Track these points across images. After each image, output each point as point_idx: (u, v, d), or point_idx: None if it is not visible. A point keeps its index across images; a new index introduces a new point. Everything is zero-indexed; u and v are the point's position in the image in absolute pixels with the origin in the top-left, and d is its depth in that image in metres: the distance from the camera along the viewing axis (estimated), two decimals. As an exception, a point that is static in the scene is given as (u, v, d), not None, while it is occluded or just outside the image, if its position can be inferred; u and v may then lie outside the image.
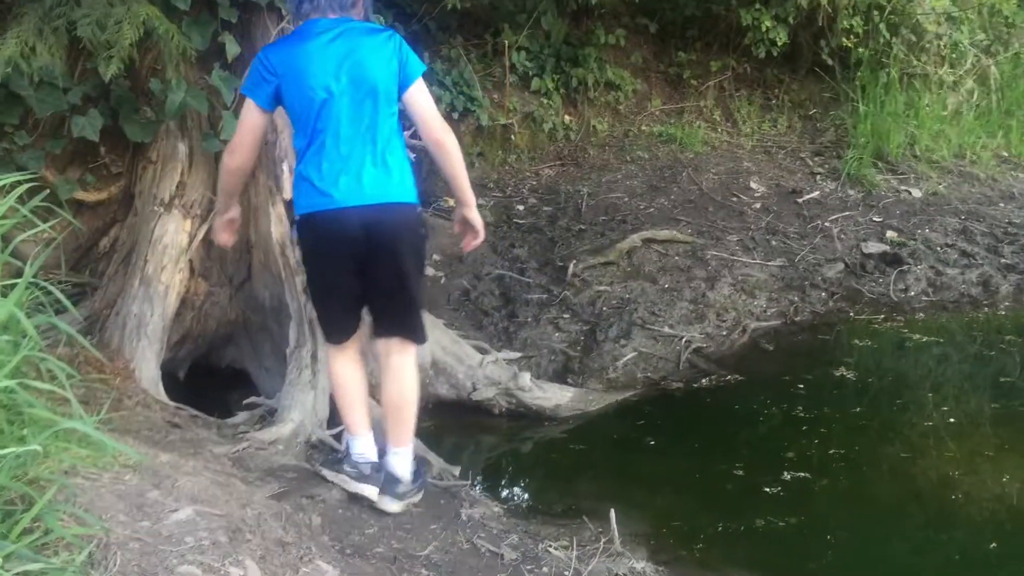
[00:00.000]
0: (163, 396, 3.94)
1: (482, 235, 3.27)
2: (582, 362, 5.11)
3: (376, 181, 3.04)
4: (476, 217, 3.25)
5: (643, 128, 8.07)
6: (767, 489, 3.87)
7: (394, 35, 3.11)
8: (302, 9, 3.10)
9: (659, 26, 8.57)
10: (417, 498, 3.32)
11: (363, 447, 3.34)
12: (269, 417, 3.96)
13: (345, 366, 3.35)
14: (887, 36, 7.90)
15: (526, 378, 4.61)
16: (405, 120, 3.22)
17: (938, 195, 7.33)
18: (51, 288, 2.83)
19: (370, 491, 3.21)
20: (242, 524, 2.63)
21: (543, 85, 7.77)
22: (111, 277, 4.23)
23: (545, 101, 7.77)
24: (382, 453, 3.34)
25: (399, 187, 3.09)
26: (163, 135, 4.20)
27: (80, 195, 4.21)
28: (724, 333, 5.53)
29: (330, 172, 3.02)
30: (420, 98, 3.10)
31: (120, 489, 2.55)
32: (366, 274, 3.13)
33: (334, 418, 3.80)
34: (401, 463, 3.27)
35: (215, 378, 4.68)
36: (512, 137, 7.66)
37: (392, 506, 3.22)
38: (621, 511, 3.42)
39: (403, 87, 3.07)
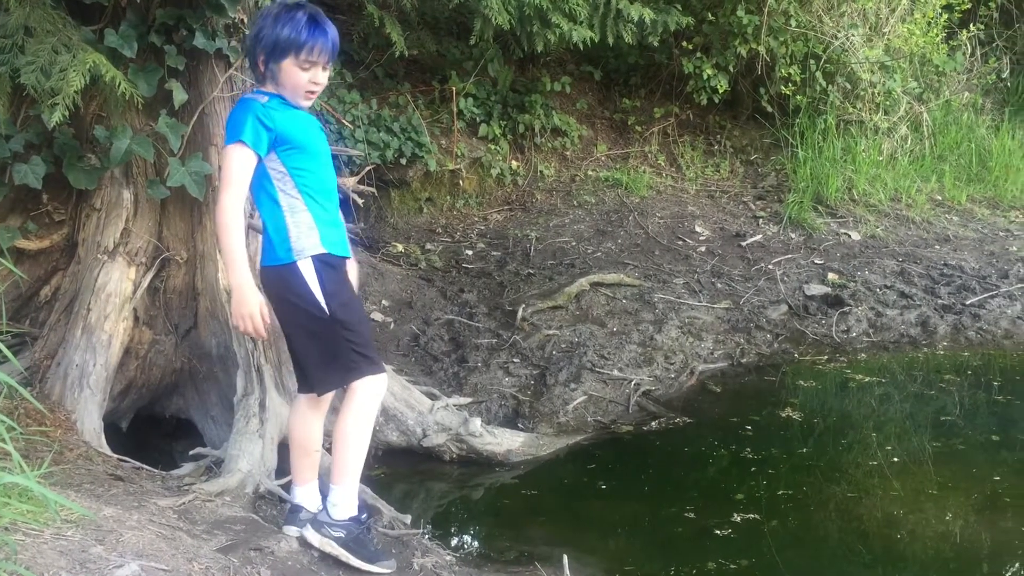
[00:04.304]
0: (106, 448, 3.85)
1: (240, 326, 2.99)
2: (532, 406, 5.12)
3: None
4: (233, 298, 3.00)
5: (589, 173, 8.19)
6: (718, 531, 3.89)
7: (236, 104, 3.11)
8: None
9: (603, 74, 8.77)
10: (338, 550, 3.15)
11: (302, 497, 3.37)
12: (216, 468, 3.89)
13: (293, 414, 3.38)
14: (823, 84, 8.15)
15: (476, 424, 4.60)
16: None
17: (876, 238, 7.52)
18: (-9, 339, 2.77)
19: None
20: (189, 579, 2.57)
21: (490, 131, 7.85)
22: (52, 326, 4.14)
23: (492, 147, 7.85)
24: None
25: (266, 249, 3.12)
26: (107, 182, 4.15)
27: (21, 243, 4.13)
28: (672, 376, 5.58)
29: None
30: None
31: (62, 545, 2.48)
32: None
33: (283, 468, 3.75)
34: (333, 499, 3.20)
35: (160, 428, 4.59)
36: (460, 182, 7.72)
37: (311, 536, 3.17)
38: (574, 557, 3.41)
39: None
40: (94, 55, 3.57)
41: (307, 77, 3.01)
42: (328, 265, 3.08)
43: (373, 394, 3.17)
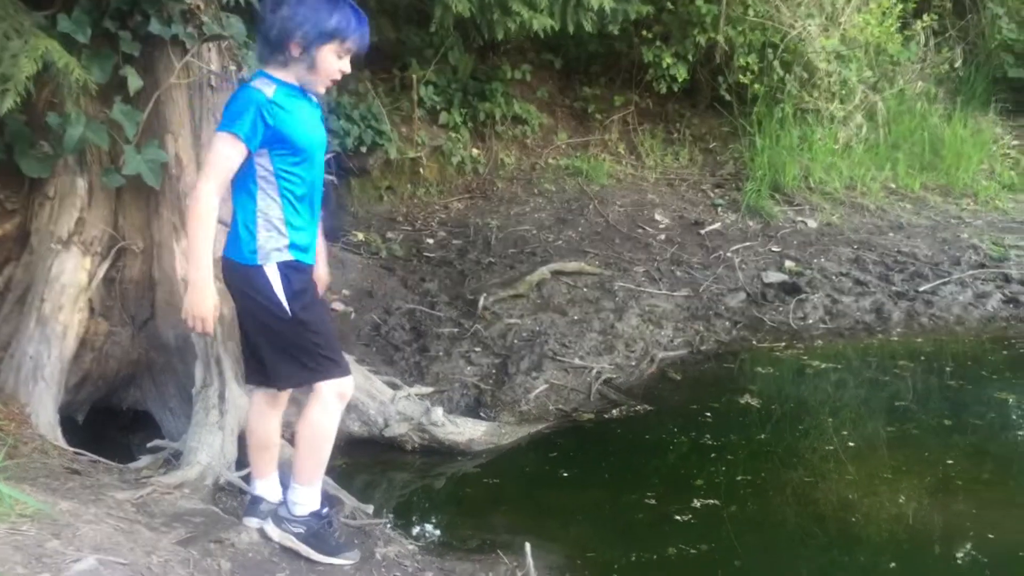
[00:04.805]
0: (61, 441, 3.80)
1: (188, 323, 2.98)
2: (494, 395, 5.13)
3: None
4: (189, 294, 2.95)
5: (550, 161, 8.19)
6: (678, 517, 3.94)
7: (239, 88, 3.07)
8: None
9: (564, 62, 8.76)
10: (299, 545, 3.18)
11: (262, 489, 3.34)
12: (174, 460, 3.86)
13: (251, 412, 3.34)
14: (781, 73, 8.22)
15: (438, 413, 4.59)
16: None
17: (832, 225, 7.63)
18: (-58, 332, 2.72)
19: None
20: (147, 572, 2.55)
21: (451, 119, 7.82)
22: (5, 318, 4.07)
23: (453, 135, 7.83)
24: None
25: (230, 241, 3.07)
26: (61, 170, 4.08)
27: (-29, 233, 4.05)
28: (633, 363, 5.62)
29: None
30: None
31: (18, 540, 2.45)
32: None
33: (243, 459, 3.72)
34: (295, 497, 3.21)
35: (116, 421, 4.53)
36: (421, 170, 7.68)
37: (271, 530, 3.19)
38: (536, 544, 3.43)
39: None
40: (47, 41, 3.50)
41: (339, 65, 3.01)
42: (295, 270, 3.06)
43: (338, 396, 3.14)
